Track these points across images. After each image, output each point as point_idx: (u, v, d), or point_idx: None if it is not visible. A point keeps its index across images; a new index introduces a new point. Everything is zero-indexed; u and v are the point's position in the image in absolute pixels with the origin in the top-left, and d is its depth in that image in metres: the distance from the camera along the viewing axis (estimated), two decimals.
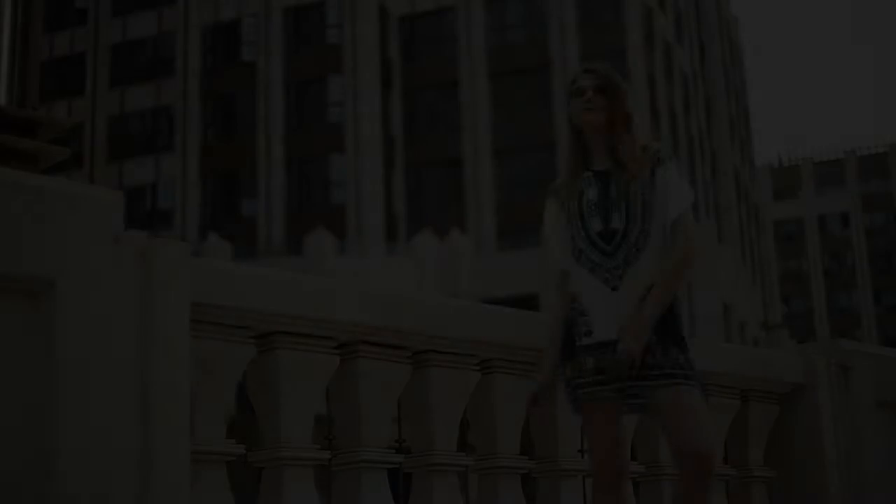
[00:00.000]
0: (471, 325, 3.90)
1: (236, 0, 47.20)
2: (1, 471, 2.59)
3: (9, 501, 2.62)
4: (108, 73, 48.76)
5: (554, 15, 45.01)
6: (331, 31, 45.81)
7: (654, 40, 46.32)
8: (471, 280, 37.91)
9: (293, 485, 3.47)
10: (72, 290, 2.70)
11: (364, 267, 36.80)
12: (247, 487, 3.82)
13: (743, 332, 47.91)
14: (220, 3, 47.49)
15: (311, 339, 3.53)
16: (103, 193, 2.88)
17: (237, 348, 3.36)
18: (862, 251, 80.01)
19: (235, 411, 3.73)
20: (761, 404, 5.10)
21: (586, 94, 3.74)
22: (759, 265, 63.29)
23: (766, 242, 70.17)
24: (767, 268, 67.93)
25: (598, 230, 3.70)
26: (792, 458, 5.17)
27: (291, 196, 44.68)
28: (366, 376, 3.69)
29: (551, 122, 43.79)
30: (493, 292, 35.18)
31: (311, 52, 45.96)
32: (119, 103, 48.02)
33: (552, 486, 4.29)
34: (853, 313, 78.90)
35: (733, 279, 46.15)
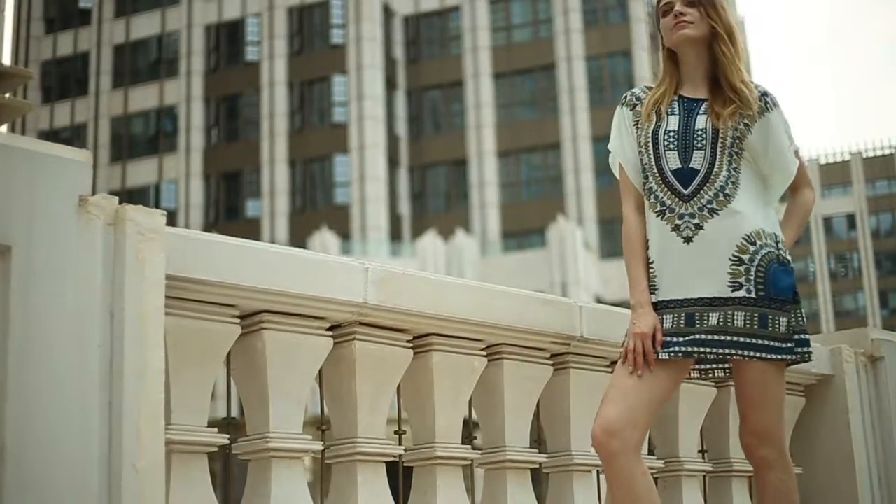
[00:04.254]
0: (477, 307, 3.59)
1: (240, 0, 47.02)
2: None
3: None
4: (111, 74, 48.62)
5: (559, 15, 44.78)
6: (335, 31, 45.62)
7: (659, 40, 46.07)
8: (475, 281, 37.61)
9: (282, 479, 3.15)
10: (29, 256, 2.40)
11: None
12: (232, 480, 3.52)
13: None
14: (224, 2, 47.32)
15: (302, 320, 3.22)
16: (68, 151, 2.58)
17: (219, 328, 3.04)
18: (868, 253, 79.71)
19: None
20: (786, 396, 4.79)
21: (675, 8, 3.29)
22: None
23: None
24: None
25: (674, 168, 3.22)
26: (819, 452, 4.87)
27: (295, 196, 44.50)
28: (362, 361, 3.37)
29: (556, 122, 43.59)
30: None
31: (315, 52, 45.78)
32: (122, 103, 47.88)
33: (564, 482, 3.98)
34: (859, 315, 78.54)
35: None
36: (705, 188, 3.19)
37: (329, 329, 3.31)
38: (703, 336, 3.18)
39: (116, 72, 48.57)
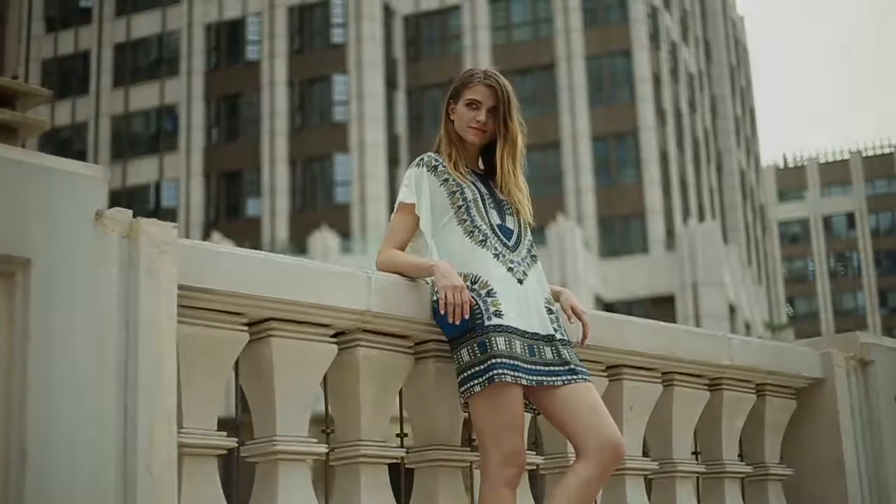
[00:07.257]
0: None
1: None
2: None
3: None
4: (112, 72, 48.69)
5: (559, 14, 44.86)
6: (335, 31, 45.69)
7: (659, 40, 46.16)
8: None
9: (288, 480, 3.27)
10: (48, 268, 2.52)
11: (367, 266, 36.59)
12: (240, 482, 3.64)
13: (748, 332, 47.68)
14: (224, 2, 47.39)
15: (307, 327, 3.34)
16: (85, 168, 2.69)
17: (228, 335, 3.16)
18: (867, 252, 79.80)
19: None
20: (778, 399, 4.90)
21: (480, 114, 3.67)
22: (765, 266, 63.06)
23: (772, 243, 69.95)
24: (773, 268, 67.70)
25: (497, 223, 3.64)
26: (810, 454, 4.98)
27: (295, 195, 44.58)
28: (365, 366, 3.49)
29: (556, 121, 43.67)
30: None
31: (316, 52, 45.84)
32: (123, 102, 47.95)
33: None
34: (859, 314, 78.63)
35: (738, 280, 45.93)
36: (520, 245, 3.72)
37: (334, 336, 3.43)
38: None
39: (117, 71, 48.64)
